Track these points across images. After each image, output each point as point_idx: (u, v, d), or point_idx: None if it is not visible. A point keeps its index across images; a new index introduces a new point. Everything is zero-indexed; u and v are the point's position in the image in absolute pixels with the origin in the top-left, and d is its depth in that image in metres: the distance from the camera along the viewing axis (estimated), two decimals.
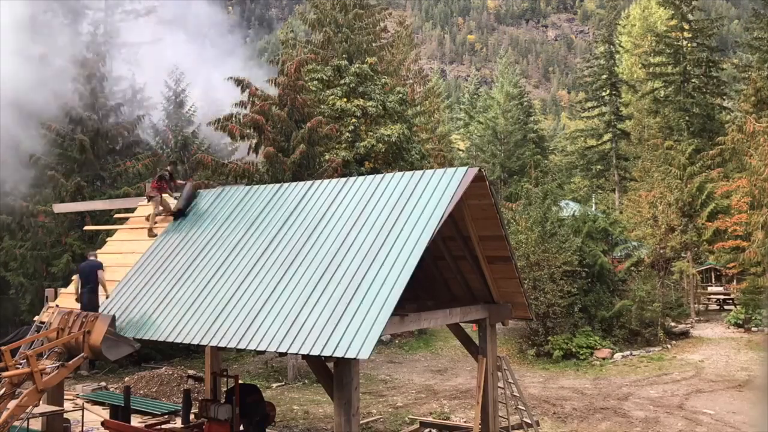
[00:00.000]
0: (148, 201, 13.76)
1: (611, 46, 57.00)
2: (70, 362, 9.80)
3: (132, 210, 14.76)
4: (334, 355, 8.21)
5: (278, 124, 23.91)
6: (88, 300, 10.81)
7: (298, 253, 10.24)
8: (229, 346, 9.31)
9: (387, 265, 9.15)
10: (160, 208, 13.42)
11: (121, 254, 12.82)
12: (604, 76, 55.45)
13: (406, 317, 9.87)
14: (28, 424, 10.92)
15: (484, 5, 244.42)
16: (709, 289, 33.41)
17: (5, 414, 9.12)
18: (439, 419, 15.56)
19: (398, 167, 27.92)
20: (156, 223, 13.25)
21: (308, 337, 8.56)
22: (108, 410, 15.24)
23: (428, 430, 14.63)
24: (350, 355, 8.09)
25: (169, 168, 14.74)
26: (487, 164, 56.10)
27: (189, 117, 31.90)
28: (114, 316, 10.35)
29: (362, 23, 32.41)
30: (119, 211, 18.31)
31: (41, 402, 11.81)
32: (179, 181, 14.44)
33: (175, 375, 19.68)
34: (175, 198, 13.70)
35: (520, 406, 13.27)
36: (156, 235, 12.98)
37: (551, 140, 77.16)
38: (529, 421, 13.21)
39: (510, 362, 14.07)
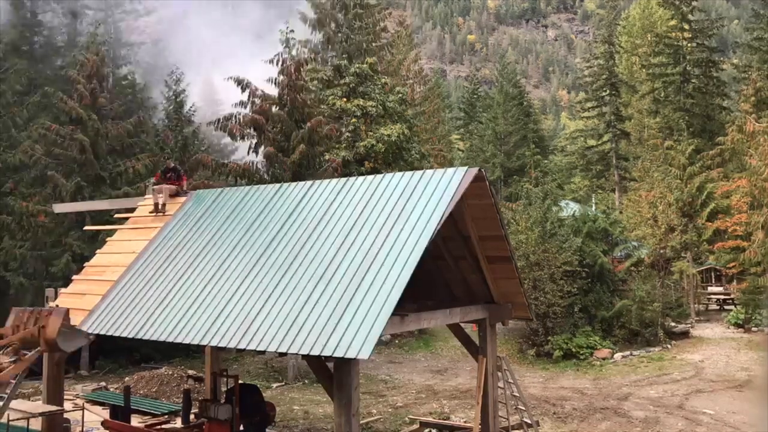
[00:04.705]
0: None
1: (611, 46, 57.01)
2: (27, 356, 9.98)
3: (132, 210, 14.74)
4: (334, 355, 8.20)
5: (278, 123, 23.92)
6: None
7: (298, 253, 10.23)
8: (229, 346, 9.29)
9: (387, 265, 9.14)
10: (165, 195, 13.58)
11: (121, 254, 12.81)
12: (604, 76, 55.45)
13: (406, 317, 9.87)
14: (28, 424, 10.93)
15: (484, 5, 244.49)
16: (709, 289, 33.40)
17: None
18: (439, 419, 15.56)
19: (398, 167, 27.92)
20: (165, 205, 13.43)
21: (308, 337, 8.55)
22: (108, 410, 15.24)
23: (428, 430, 14.63)
24: (350, 355, 8.09)
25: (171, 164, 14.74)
26: (487, 164, 56.14)
27: (189, 117, 31.90)
28: (68, 310, 10.52)
29: (362, 23, 32.41)
30: (119, 211, 18.30)
31: (41, 402, 11.85)
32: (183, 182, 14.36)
33: (175, 375, 19.67)
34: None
35: (520, 406, 13.27)
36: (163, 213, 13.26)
37: (551, 140, 77.25)
38: (529, 421, 13.21)
39: (510, 362, 14.07)
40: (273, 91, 24.92)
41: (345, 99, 28.66)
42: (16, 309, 10.82)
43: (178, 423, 14.33)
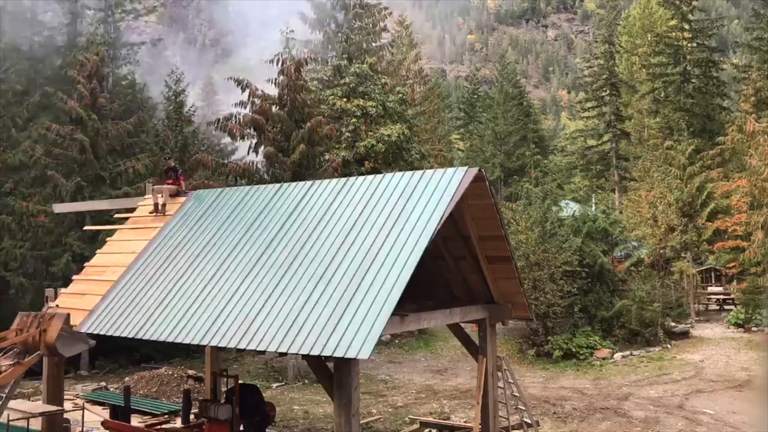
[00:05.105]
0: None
1: (611, 46, 57.01)
2: (26, 360, 9.97)
3: (132, 210, 14.75)
4: (334, 355, 8.20)
5: (278, 123, 23.92)
6: None
7: (298, 253, 10.23)
8: (229, 346, 9.29)
9: (387, 265, 9.14)
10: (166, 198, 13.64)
11: (121, 254, 12.81)
12: (604, 76, 55.46)
13: (406, 317, 9.87)
14: (28, 424, 10.93)
15: (484, 5, 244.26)
16: (709, 289, 33.41)
17: None
18: (439, 419, 15.56)
19: (398, 167, 27.93)
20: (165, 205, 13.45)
21: (308, 337, 8.55)
22: (108, 410, 15.24)
23: (428, 430, 14.63)
24: (350, 355, 8.09)
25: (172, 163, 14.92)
26: (487, 164, 56.15)
27: (189, 117, 31.89)
28: (69, 315, 10.57)
29: (362, 23, 32.41)
30: (119, 211, 18.31)
31: (41, 402, 11.84)
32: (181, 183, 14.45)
33: (175, 375, 19.67)
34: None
35: (520, 406, 13.27)
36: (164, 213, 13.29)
37: (551, 140, 77.25)
38: (529, 421, 13.21)
39: (510, 362, 14.07)
40: (273, 91, 24.94)
41: (345, 99, 28.66)
42: (21, 313, 10.88)
43: (178, 423, 14.33)
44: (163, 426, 13.91)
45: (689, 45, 48.15)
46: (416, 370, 23.42)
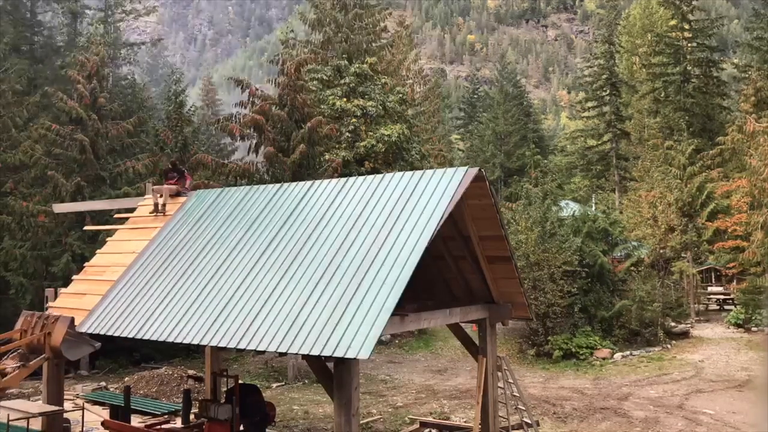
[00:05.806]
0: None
1: (611, 46, 57.06)
2: (31, 363, 9.96)
3: (132, 210, 14.75)
4: (334, 355, 8.19)
5: (278, 124, 23.92)
6: None
7: (298, 253, 10.23)
8: (229, 346, 9.28)
9: (387, 265, 9.13)
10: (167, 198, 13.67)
11: (121, 254, 12.81)
12: (604, 76, 55.51)
13: (406, 317, 9.86)
14: (28, 424, 10.93)
15: (484, 5, 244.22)
16: (709, 289, 33.43)
17: None
18: (439, 419, 15.56)
19: (398, 167, 27.95)
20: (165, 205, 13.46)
21: (308, 337, 8.55)
22: (108, 410, 15.24)
23: (428, 430, 14.63)
24: (350, 355, 8.08)
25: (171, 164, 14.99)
26: (487, 164, 56.21)
27: (189, 117, 31.91)
28: (73, 318, 10.60)
29: (362, 23, 32.42)
30: (119, 211, 18.30)
31: (41, 402, 11.84)
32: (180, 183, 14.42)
33: (175, 375, 19.66)
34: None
35: (520, 406, 13.27)
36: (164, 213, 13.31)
37: (551, 140, 77.31)
38: (529, 421, 13.21)
39: (510, 362, 14.06)
40: (273, 91, 24.95)
41: (345, 99, 28.67)
42: (25, 312, 10.87)
43: (178, 423, 14.33)
44: (163, 426, 13.90)
45: (689, 45, 48.21)
46: (416, 370, 23.42)
